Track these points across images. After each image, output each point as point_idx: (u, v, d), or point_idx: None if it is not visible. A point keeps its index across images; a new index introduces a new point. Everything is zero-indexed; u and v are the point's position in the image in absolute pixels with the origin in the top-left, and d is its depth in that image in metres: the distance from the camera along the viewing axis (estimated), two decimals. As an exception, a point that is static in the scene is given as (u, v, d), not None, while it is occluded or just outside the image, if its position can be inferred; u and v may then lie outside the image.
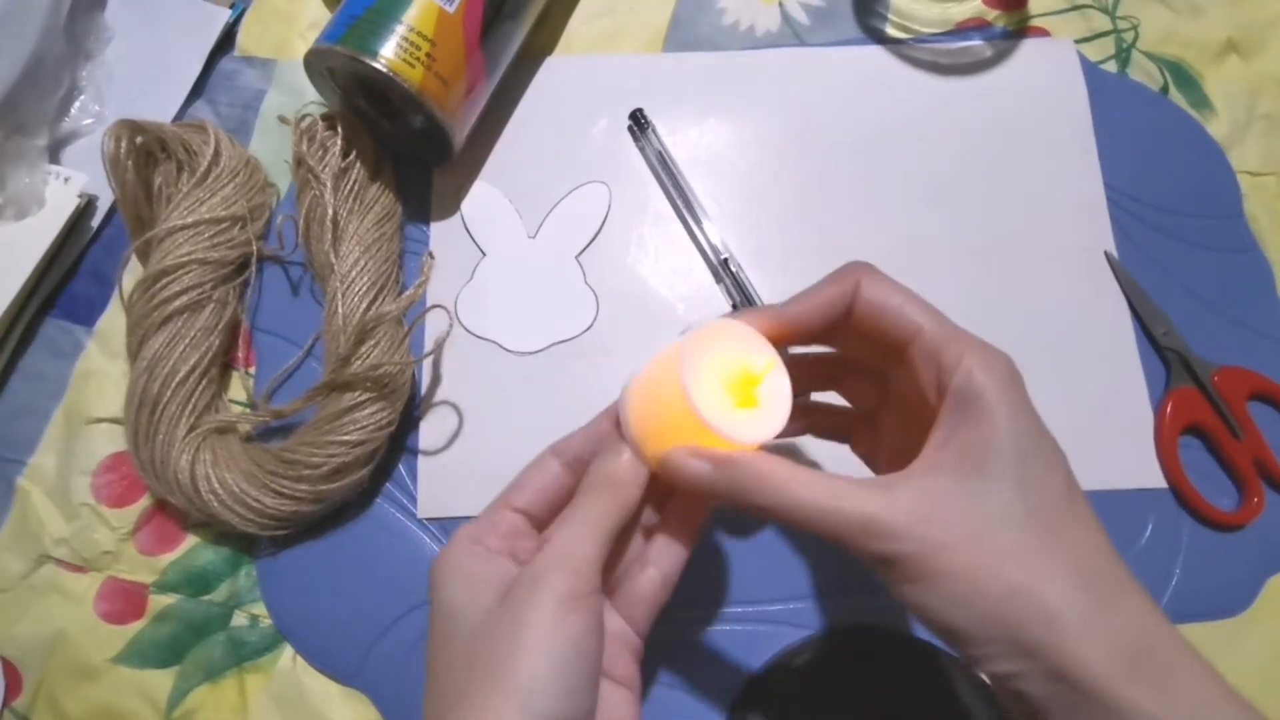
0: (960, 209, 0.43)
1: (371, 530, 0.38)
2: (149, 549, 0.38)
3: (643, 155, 0.44)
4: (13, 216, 0.41)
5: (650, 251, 0.43)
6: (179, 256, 0.38)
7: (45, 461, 0.39)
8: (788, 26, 0.47)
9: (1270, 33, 0.47)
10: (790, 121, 0.45)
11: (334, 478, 0.36)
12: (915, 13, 0.47)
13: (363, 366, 0.36)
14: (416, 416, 0.40)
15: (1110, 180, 0.44)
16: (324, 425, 0.36)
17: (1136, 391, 0.40)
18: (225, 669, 0.37)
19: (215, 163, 0.40)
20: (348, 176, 0.40)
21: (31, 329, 0.42)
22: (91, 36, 0.46)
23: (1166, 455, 0.39)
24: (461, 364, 0.41)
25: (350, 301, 0.38)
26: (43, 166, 0.42)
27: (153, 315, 0.38)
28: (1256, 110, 0.46)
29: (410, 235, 0.43)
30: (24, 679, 0.37)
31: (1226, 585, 0.38)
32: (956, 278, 0.42)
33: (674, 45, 0.47)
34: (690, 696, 0.36)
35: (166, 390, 0.37)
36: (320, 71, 0.40)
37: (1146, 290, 0.42)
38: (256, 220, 0.41)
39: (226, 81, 0.46)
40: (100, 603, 0.38)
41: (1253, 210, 0.44)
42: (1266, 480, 0.39)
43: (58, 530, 0.38)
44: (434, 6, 0.38)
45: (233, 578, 0.38)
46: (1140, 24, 0.47)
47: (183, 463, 0.36)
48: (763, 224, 0.43)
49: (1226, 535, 0.39)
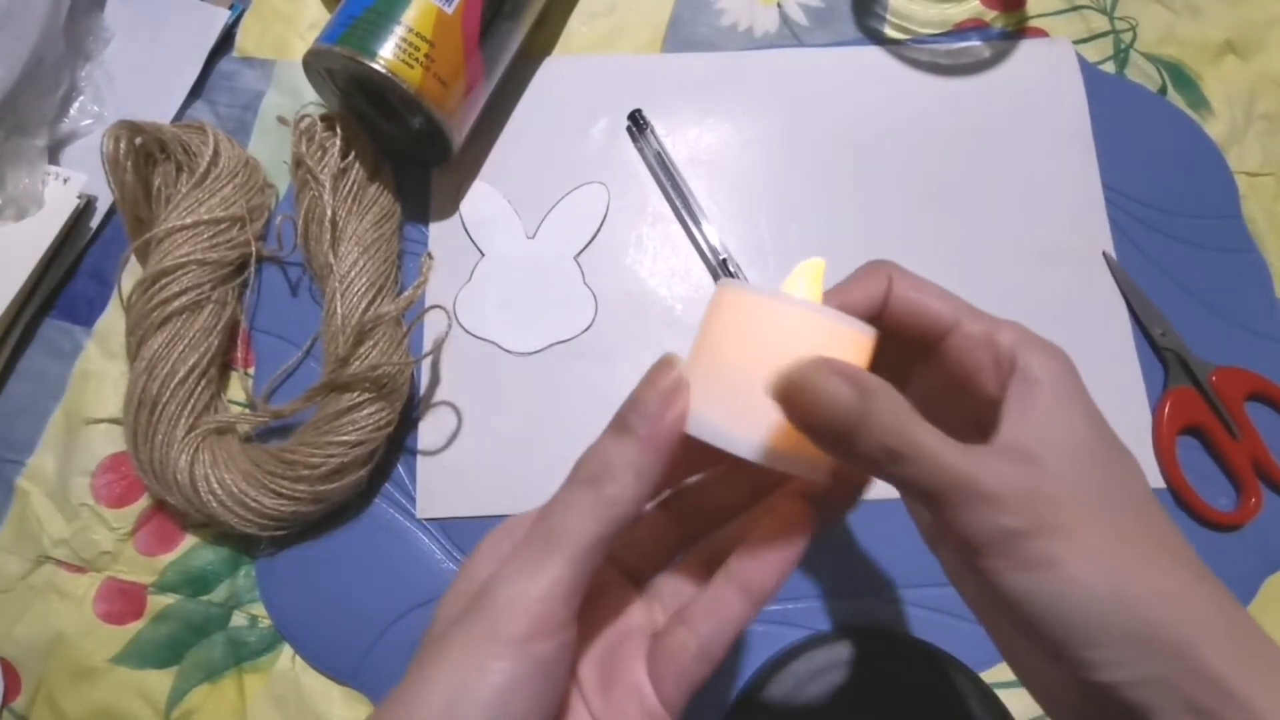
0: (958, 209, 0.43)
1: (370, 530, 0.38)
2: (148, 549, 0.38)
3: (641, 156, 0.44)
4: (12, 217, 0.41)
5: (649, 252, 0.43)
6: (178, 257, 0.38)
7: (44, 462, 0.39)
8: (786, 27, 0.47)
9: (1268, 33, 0.47)
10: (789, 122, 0.45)
11: (333, 478, 0.36)
12: (914, 13, 0.47)
13: (361, 367, 0.36)
14: (415, 417, 0.40)
15: (1108, 181, 0.44)
16: (323, 426, 0.36)
17: (1134, 392, 0.41)
18: (224, 669, 0.37)
19: (214, 163, 0.40)
20: (347, 177, 0.40)
21: (31, 329, 0.42)
22: (91, 37, 0.46)
23: (1164, 455, 0.39)
24: (460, 364, 0.41)
25: (349, 302, 0.38)
26: (42, 167, 0.42)
27: (152, 316, 0.38)
28: (1255, 111, 0.46)
29: (409, 236, 0.43)
30: (23, 679, 0.37)
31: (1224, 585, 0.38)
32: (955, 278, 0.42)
33: (673, 46, 0.47)
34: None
35: (165, 391, 0.37)
36: (319, 72, 0.40)
37: (1144, 290, 0.42)
38: (255, 221, 0.41)
39: (225, 82, 0.46)
40: (99, 603, 0.38)
41: (1250, 211, 0.44)
42: (1264, 480, 0.39)
43: (57, 531, 0.38)
44: (433, 7, 0.38)
45: (232, 578, 0.38)
46: (1138, 24, 0.47)
47: (182, 463, 0.36)
48: (761, 224, 0.43)
49: (1224, 535, 0.39)
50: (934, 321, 0.24)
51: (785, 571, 0.22)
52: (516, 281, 0.42)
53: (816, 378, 0.20)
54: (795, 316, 0.21)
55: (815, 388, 0.20)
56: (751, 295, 0.21)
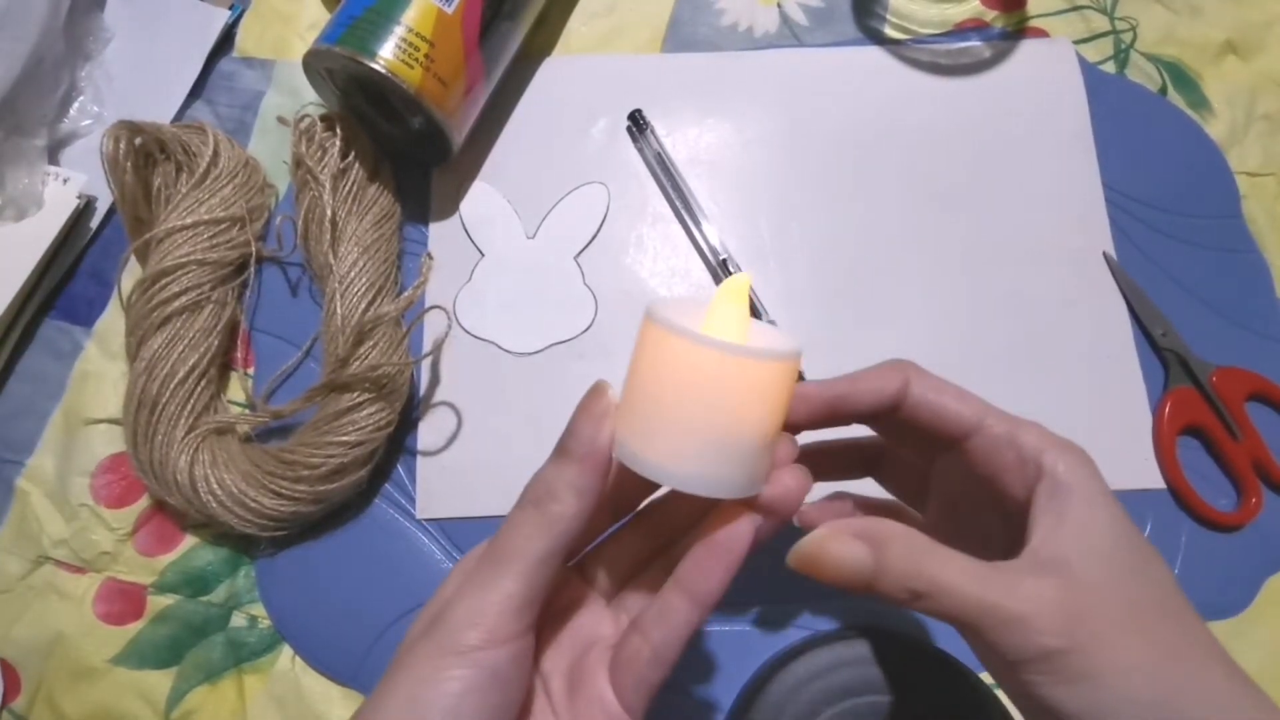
0: (959, 210, 0.43)
1: (370, 531, 0.38)
2: (148, 550, 0.38)
3: (641, 156, 0.44)
4: (12, 217, 0.41)
5: (649, 252, 0.43)
6: (178, 257, 0.38)
7: (44, 462, 0.39)
8: (786, 27, 0.47)
9: (1269, 33, 0.47)
10: (789, 122, 0.45)
11: (333, 478, 0.36)
12: (914, 13, 0.47)
13: (361, 367, 0.36)
14: (415, 417, 0.40)
15: (1109, 181, 0.44)
16: (323, 426, 0.36)
17: (1135, 392, 0.41)
18: (224, 670, 0.37)
19: (214, 164, 0.40)
20: (346, 177, 0.40)
21: (30, 330, 0.42)
22: (91, 37, 0.46)
23: (1165, 456, 0.39)
24: (460, 365, 0.41)
25: (349, 302, 0.38)
26: (41, 167, 0.42)
27: (152, 316, 0.38)
28: (1255, 111, 0.46)
29: (409, 236, 0.43)
30: (23, 680, 0.37)
31: (1225, 585, 0.38)
32: (955, 278, 0.42)
33: (673, 46, 0.47)
34: (690, 697, 0.36)
35: (165, 391, 0.37)
36: (319, 72, 0.40)
37: (1145, 290, 0.42)
38: (255, 221, 0.41)
39: (225, 82, 0.46)
40: (99, 603, 0.38)
41: (1251, 211, 0.44)
42: (1265, 480, 0.39)
43: (57, 531, 0.38)
44: (433, 7, 0.38)
45: (231, 578, 0.38)
46: (1139, 24, 0.47)
47: (181, 463, 0.36)
48: (761, 225, 0.43)
49: (1225, 536, 0.39)
50: (955, 423, 0.25)
51: (725, 576, 0.23)
52: (516, 282, 0.42)
53: (830, 545, 0.22)
54: (708, 358, 0.21)
55: (830, 554, 0.22)
56: (669, 334, 0.22)
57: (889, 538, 0.21)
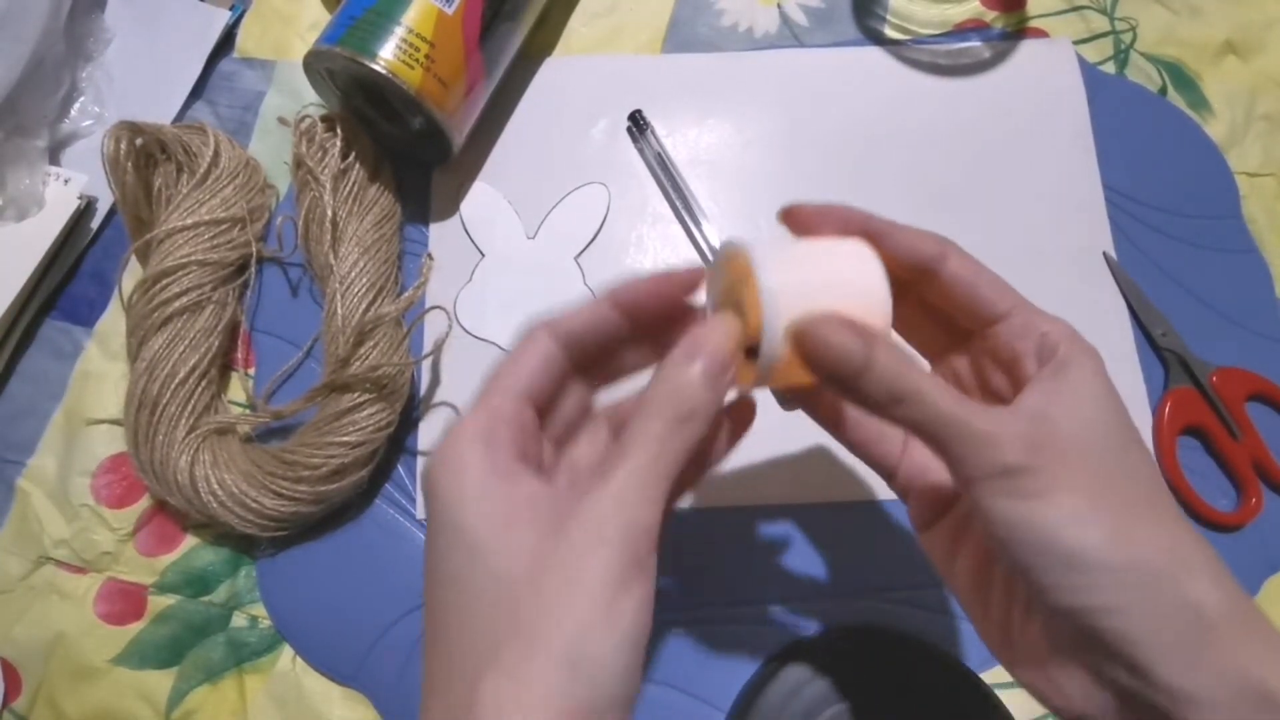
0: (959, 210, 0.43)
1: (371, 531, 0.39)
2: (149, 550, 0.38)
3: (641, 156, 0.44)
4: (12, 218, 0.41)
5: (649, 252, 0.43)
6: (179, 258, 0.38)
7: (45, 462, 0.39)
8: (786, 28, 0.47)
9: (1269, 33, 0.47)
10: (789, 123, 0.45)
11: (333, 479, 0.36)
12: (914, 14, 0.47)
13: (362, 368, 0.36)
14: (416, 418, 0.40)
15: (1109, 181, 0.44)
16: (323, 426, 0.36)
17: (1135, 392, 0.41)
18: (225, 670, 0.37)
19: (215, 164, 0.40)
20: (347, 178, 0.40)
21: (31, 330, 0.42)
22: (91, 38, 0.46)
23: (1165, 456, 0.39)
24: (461, 365, 0.41)
25: (349, 302, 0.38)
26: (42, 168, 0.42)
27: (152, 316, 0.38)
28: (1255, 111, 0.46)
29: (409, 236, 0.43)
30: (23, 680, 0.37)
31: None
32: (955, 278, 0.42)
33: (673, 46, 0.47)
34: (690, 697, 0.36)
35: (166, 391, 0.37)
36: (320, 73, 0.40)
37: (1145, 291, 0.42)
38: (256, 221, 0.41)
39: (226, 83, 0.46)
40: (100, 604, 0.38)
41: (1251, 211, 0.44)
42: (1265, 481, 0.39)
43: (57, 531, 0.38)
44: (433, 8, 0.38)
45: (232, 579, 0.38)
46: (1139, 25, 0.47)
47: (182, 464, 0.36)
48: (761, 225, 0.43)
49: (1225, 536, 0.39)
50: (985, 307, 0.26)
51: None
52: (517, 282, 0.42)
53: (827, 328, 0.22)
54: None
55: (826, 336, 0.22)
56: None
57: (882, 339, 0.22)
